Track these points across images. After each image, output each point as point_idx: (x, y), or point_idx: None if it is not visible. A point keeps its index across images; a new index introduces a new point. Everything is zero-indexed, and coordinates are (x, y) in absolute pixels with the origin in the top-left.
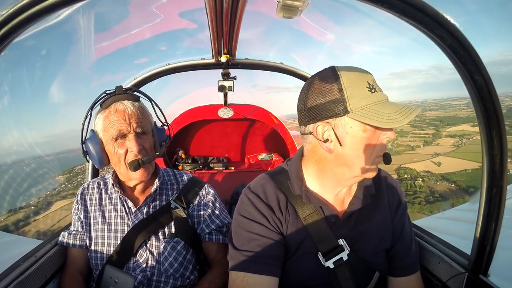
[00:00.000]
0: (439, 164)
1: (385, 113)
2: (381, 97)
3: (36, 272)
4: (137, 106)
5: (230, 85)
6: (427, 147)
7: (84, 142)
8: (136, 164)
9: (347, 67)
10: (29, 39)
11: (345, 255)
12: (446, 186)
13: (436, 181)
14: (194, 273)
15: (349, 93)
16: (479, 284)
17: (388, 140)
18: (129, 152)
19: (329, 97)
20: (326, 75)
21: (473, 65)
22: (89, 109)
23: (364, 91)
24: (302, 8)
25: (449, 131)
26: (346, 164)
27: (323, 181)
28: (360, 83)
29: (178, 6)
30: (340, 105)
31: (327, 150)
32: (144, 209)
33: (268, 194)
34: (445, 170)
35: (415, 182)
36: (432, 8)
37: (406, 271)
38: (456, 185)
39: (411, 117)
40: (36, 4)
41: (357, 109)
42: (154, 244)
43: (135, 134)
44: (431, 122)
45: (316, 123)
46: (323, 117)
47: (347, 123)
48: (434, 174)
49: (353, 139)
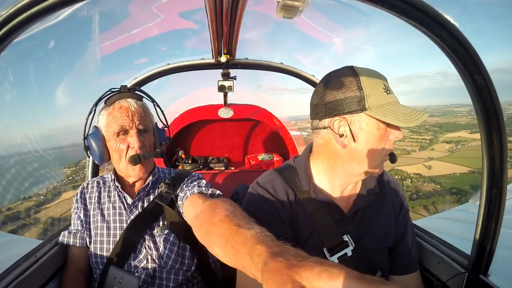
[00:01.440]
0: (430, 168)
1: (401, 113)
2: (394, 99)
3: (36, 272)
4: (140, 104)
5: (230, 85)
6: (422, 151)
7: (86, 138)
8: (136, 158)
9: (365, 68)
10: (30, 39)
11: (349, 251)
12: (431, 187)
13: (424, 183)
14: (194, 262)
15: (368, 92)
16: (479, 284)
17: (396, 139)
18: (130, 147)
19: (348, 93)
20: (345, 73)
21: (473, 65)
22: (94, 105)
23: (381, 91)
24: (302, 8)
25: (446, 137)
26: (357, 160)
27: (332, 177)
28: (377, 83)
29: (178, 6)
30: (359, 102)
31: (341, 145)
32: (138, 203)
33: (277, 189)
34: (435, 173)
35: (403, 182)
36: (432, 8)
37: (408, 269)
38: (441, 186)
39: (423, 118)
40: (36, 4)
41: (375, 107)
42: (150, 239)
43: (137, 131)
44: (430, 128)
45: (334, 118)
46: (340, 112)
47: (363, 120)
48: (423, 176)
49: (367, 136)
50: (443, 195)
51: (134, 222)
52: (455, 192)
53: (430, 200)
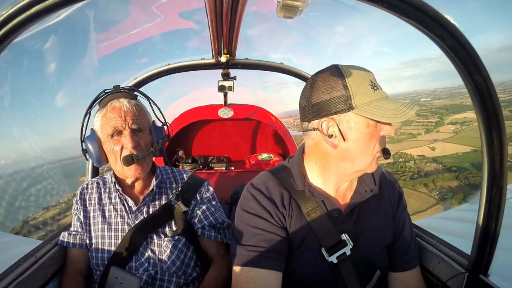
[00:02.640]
0: (434, 149)
1: (388, 109)
2: (382, 94)
3: (36, 272)
4: (133, 103)
5: (230, 85)
6: (428, 134)
7: (83, 141)
8: (129, 158)
9: (350, 65)
10: (28, 39)
11: (348, 250)
12: (433, 167)
13: (426, 163)
14: (196, 269)
15: (354, 90)
16: (479, 284)
17: (387, 135)
18: (124, 148)
19: (334, 94)
20: (330, 72)
21: (473, 65)
22: (88, 107)
23: (368, 88)
24: (302, 8)
25: (452, 119)
26: (349, 159)
27: (326, 177)
28: (363, 80)
29: (178, 6)
30: (345, 101)
31: (331, 145)
32: (143, 208)
33: (271, 190)
34: (438, 154)
35: (406, 164)
36: (432, 8)
37: (407, 266)
38: (442, 165)
39: (413, 112)
40: (36, 4)
41: (362, 105)
42: (156, 242)
43: (130, 131)
44: (436, 110)
45: (321, 119)
46: (328, 113)
47: (352, 119)
48: (426, 158)
49: (357, 134)
50: (443, 173)
51: (138, 226)
52: (455, 170)
53: (430, 178)
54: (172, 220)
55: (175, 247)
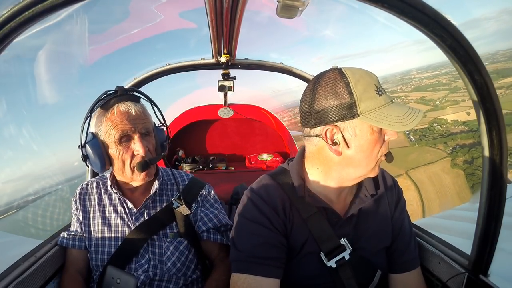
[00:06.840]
0: (469, 114)
1: (394, 116)
2: (387, 99)
3: (36, 272)
4: (139, 106)
5: (230, 85)
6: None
7: (83, 146)
8: (144, 164)
9: (352, 68)
10: (29, 39)
11: (347, 255)
12: (459, 128)
13: (455, 126)
14: (196, 272)
15: (359, 96)
16: (479, 284)
17: (391, 139)
18: (135, 153)
19: (338, 100)
20: (333, 76)
21: (473, 65)
22: (89, 110)
23: (373, 94)
24: (302, 8)
25: (500, 83)
26: (352, 165)
27: (327, 182)
28: (368, 86)
29: (178, 6)
30: (350, 108)
31: (335, 153)
32: (144, 210)
33: (270, 196)
34: (471, 118)
35: (436, 127)
36: (432, 8)
37: (407, 267)
38: (465, 126)
39: (418, 119)
40: (36, 4)
41: (368, 112)
42: (156, 244)
43: (140, 136)
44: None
45: (325, 127)
46: (332, 120)
47: (357, 126)
48: (458, 122)
49: (361, 141)
50: (461, 133)
51: (140, 228)
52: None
53: (449, 138)
54: (173, 222)
55: (176, 249)
